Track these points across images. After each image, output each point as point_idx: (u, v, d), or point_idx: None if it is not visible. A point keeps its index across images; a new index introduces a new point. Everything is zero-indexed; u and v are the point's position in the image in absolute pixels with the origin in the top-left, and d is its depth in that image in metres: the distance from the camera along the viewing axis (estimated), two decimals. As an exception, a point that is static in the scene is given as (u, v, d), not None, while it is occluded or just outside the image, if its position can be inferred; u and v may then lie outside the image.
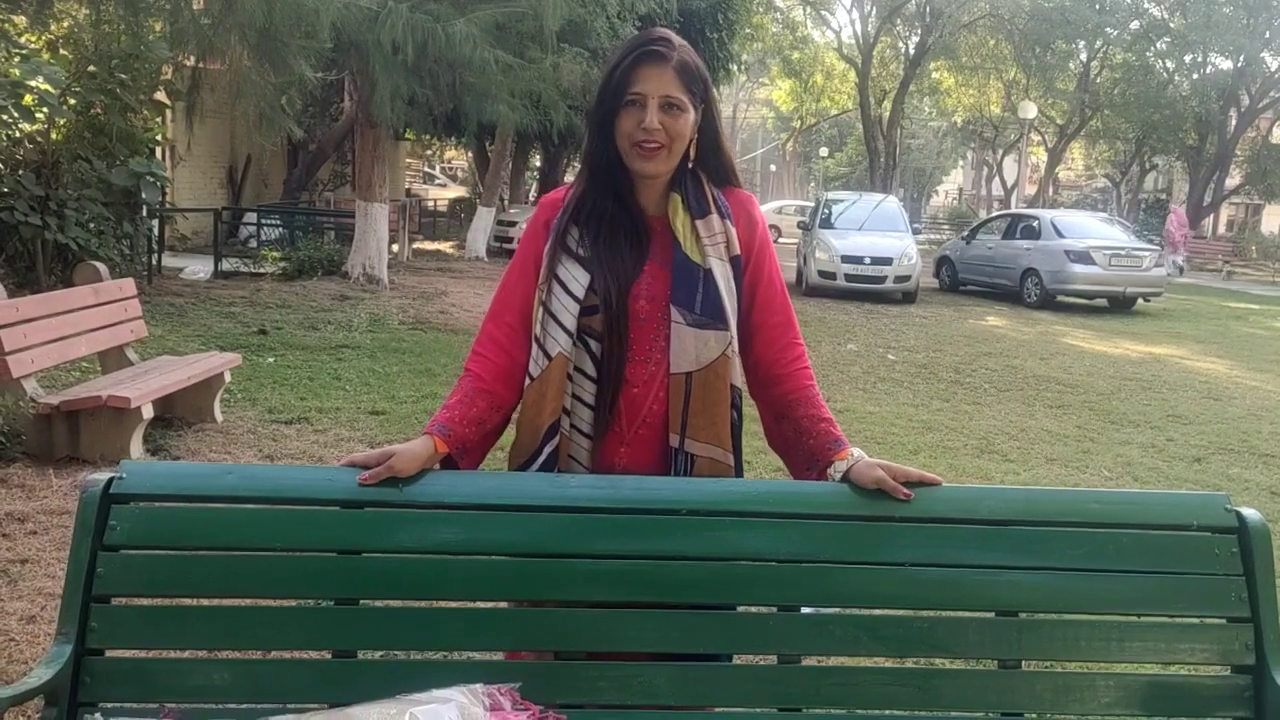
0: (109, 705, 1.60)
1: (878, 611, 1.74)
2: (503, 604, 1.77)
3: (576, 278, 1.79)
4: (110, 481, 1.66)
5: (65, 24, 9.80)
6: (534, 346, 1.81)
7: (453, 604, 1.71)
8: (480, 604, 1.74)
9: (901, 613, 1.74)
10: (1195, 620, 1.76)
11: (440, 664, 1.69)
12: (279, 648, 1.69)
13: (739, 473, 1.87)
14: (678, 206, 1.82)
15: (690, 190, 1.84)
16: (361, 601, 1.68)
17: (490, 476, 1.81)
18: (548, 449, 1.79)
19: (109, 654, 1.63)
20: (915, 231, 18.50)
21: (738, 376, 1.83)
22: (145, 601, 1.70)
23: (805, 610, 1.72)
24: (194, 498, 1.70)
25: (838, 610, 1.75)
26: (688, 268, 1.79)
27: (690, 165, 1.85)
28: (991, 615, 1.73)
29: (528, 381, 1.81)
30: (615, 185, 1.82)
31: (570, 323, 1.78)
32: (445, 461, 1.77)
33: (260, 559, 1.67)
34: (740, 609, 1.76)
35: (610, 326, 1.78)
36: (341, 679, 1.64)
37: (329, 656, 1.66)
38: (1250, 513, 1.77)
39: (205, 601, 1.71)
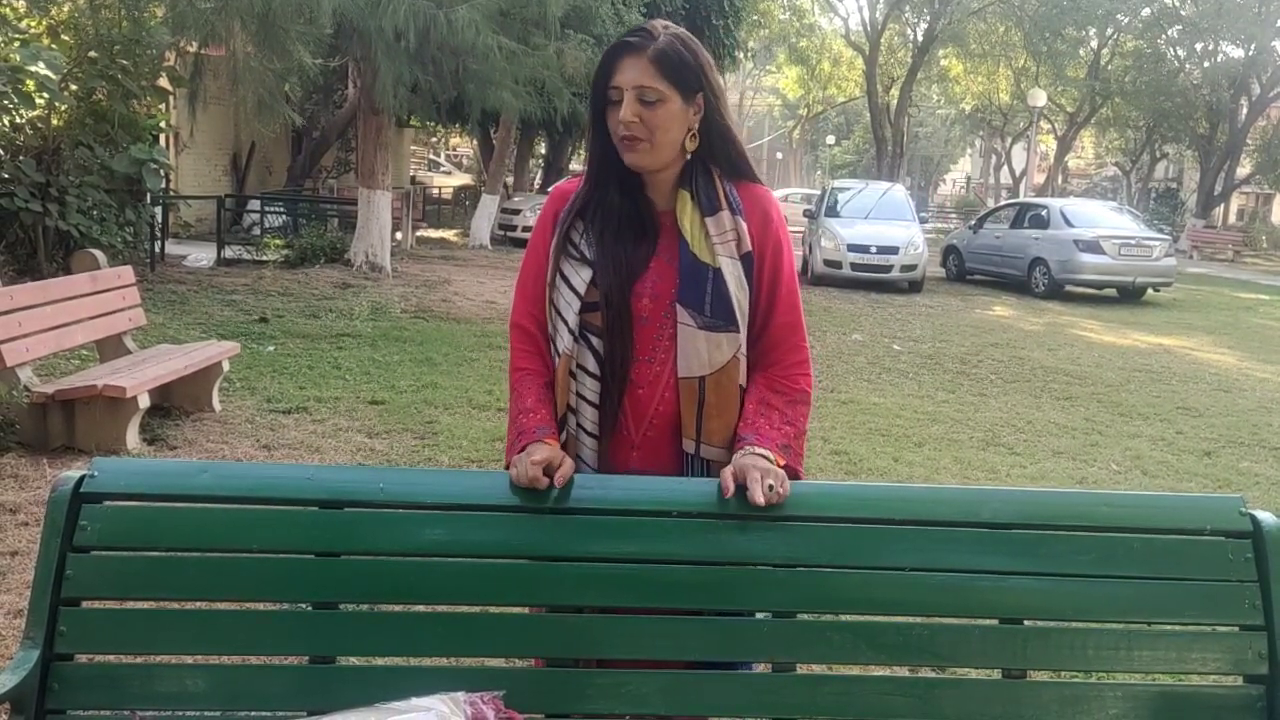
0: (78, 712, 1.55)
1: (877, 618, 1.68)
2: (488, 608, 1.71)
3: (579, 273, 1.76)
4: (81, 480, 1.61)
5: (65, 9, 9.73)
6: (550, 344, 1.80)
7: (435, 608, 1.65)
8: (464, 608, 1.68)
9: (902, 619, 1.67)
10: (1207, 628, 1.69)
11: (422, 670, 1.63)
12: (255, 653, 1.64)
13: None
14: (686, 204, 1.77)
15: (700, 186, 1.78)
16: (340, 605, 1.62)
17: (474, 475, 1.76)
18: None
19: (78, 659, 1.58)
20: (922, 220, 18.36)
21: (744, 377, 1.78)
22: (116, 605, 1.65)
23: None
24: (168, 497, 1.65)
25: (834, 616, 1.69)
26: (696, 267, 1.74)
27: (697, 157, 1.78)
28: (995, 622, 1.66)
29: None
30: (621, 180, 1.78)
31: (572, 319, 1.75)
32: None
33: (236, 560, 1.62)
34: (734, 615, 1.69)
35: (611, 325, 1.74)
36: (319, 685, 1.58)
37: (306, 662, 1.61)
38: (1266, 516, 1.71)
39: (179, 605, 1.65)
